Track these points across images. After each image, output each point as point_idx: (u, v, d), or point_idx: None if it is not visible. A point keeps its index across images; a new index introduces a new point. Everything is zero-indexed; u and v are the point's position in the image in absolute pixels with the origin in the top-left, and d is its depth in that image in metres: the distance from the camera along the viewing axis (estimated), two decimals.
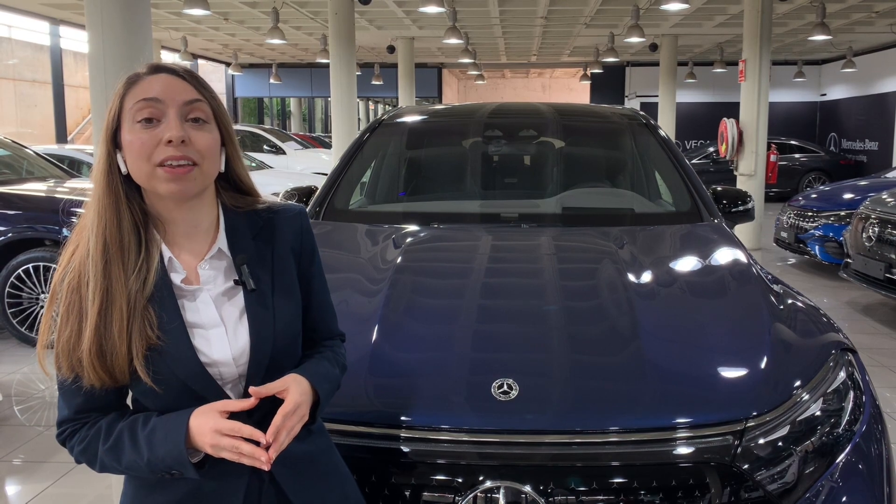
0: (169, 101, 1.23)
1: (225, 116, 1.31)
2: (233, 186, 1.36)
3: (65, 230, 5.32)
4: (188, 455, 1.20)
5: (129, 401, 1.34)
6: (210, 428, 1.19)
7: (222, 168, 1.31)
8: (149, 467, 1.22)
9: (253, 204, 1.37)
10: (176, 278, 1.28)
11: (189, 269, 1.29)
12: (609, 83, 21.40)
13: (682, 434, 1.60)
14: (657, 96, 17.63)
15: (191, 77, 1.28)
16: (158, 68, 1.27)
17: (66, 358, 1.22)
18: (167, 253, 1.28)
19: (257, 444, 1.20)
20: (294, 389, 1.26)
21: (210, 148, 1.25)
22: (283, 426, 1.22)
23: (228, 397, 1.28)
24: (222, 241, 1.32)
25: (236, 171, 1.34)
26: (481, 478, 1.55)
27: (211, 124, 1.27)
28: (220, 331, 1.28)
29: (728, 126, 10.16)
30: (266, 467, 1.19)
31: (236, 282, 1.30)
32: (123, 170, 1.24)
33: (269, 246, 1.35)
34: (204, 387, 1.26)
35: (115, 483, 3.41)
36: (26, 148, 6.96)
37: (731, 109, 11.22)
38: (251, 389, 1.24)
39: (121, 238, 1.23)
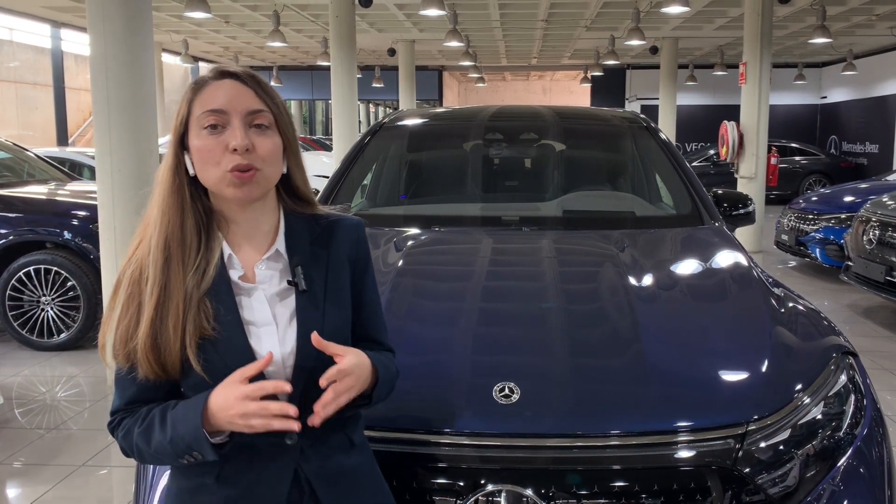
0: (232, 112, 1.27)
1: (288, 122, 1.34)
2: (291, 192, 1.39)
3: (66, 233, 5.33)
4: (210, 436, 1.20)
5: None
6: (235, 397, 1.18)
7: (284, 170, 1.34)
8: (172, 447, 1.22)
9: (312, 211, 1.40)
10: (234, 275, 1.31)
11: (247, 268, 1.32)
12: (609, 86, 21.42)
13: (683, 437, 1.60)
14: (658, 99, 17.65)
15: (254, 83, 1.31)
16: (224, 73, 1.30)
17: (123, 347, 1.26)
18: (227, 250, 1.31)
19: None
20: (351, 357, 1.26)
21: (272, 154, 1.29)
22: (331, 387, 1.21)
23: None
24: (280, 243, 1.35)
25: (294, 177, 1.37)
26: (483, 481, 1.55)
27: (273, 130, 1.30)
28: (271, 329, 1.30)
29: (729, 129, 10.17)
30: (296, 427, 1.18)
31: (290, 282, 1.32)
32: (191, 172, 1.29)
33: (325, 252, 1.37)
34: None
35: (115, 486, 3.41)
36: (27, 150, 6.97)
37: (732, 112, 11.23)
38: (313, 336, 1.23)
39: (182, 237, 1.27)
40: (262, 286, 1.32)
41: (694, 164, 15.49)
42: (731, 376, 1.80)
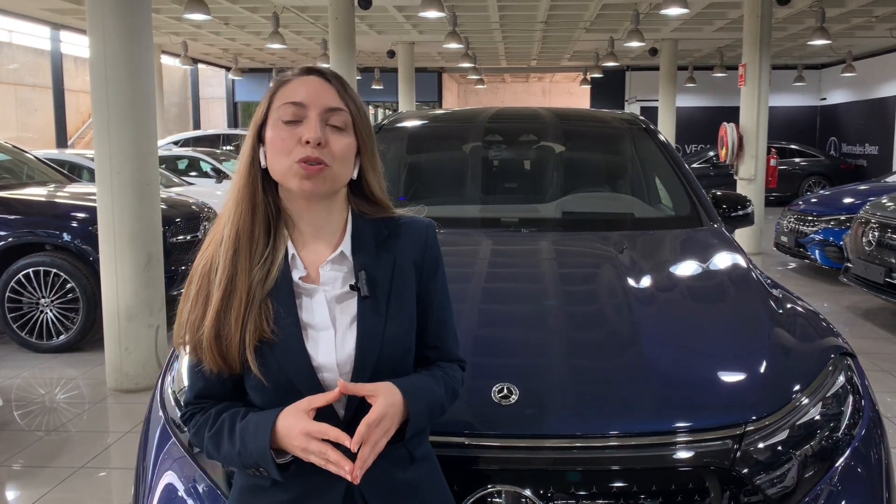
0: (312, 105, 1.27)
1: (365, 126, 1.33)
2: (365, 196, 1.38)
3: (65, 235, 5.33)
4: (276, 455, 1.21)
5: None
6: (299, 431, 1.19)
7: (354, 175, 1.33)
8: (240, 459, 1.25)
9: (383, 213, 1.39)
10: (295, 275, 1.30)
11: (311, 269, 1.31)
12: (609, 87, 21.44)
13: (681, 438, 1.61)
14: (657, 101, 17.67)
15: (337, 82, 1.31)
16: (309, 70, 1.32)
17: (191, 338, 1.28)
18: (291, 249, 1.31)
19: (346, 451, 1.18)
20: (382, 399, 1.22)
21: (343, 152, 1.29)
22: (367, 438, 1.19)
23: (332, 408, 1.26)
24: (346, 245, 1.33)
25: (369, 181, 1.36)
26: (482, 482, 1.55)
27: (349, 131, 1.30)
28: (328, 333, 1.28)
29: (728, 130, 10.17)
30: (350, 478, 1.17)
31: (352, 287, 1.30)
32: (263, 164, 1.30)
33: (391, 255, 1.35)
34: (308, 389, 1.25)
35: (114, 488, 3.41)
36: (27, 152, 6.97)
37: (731, 114, 11.24)
38: (339, 382, 1.21)
39: (252, 228, 1.28)
40: (325, 288, 1.30)
41: (693, 165, 15.51)
42: (730, 377, 1.80)
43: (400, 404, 1.25)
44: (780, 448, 1.64)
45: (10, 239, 5.35)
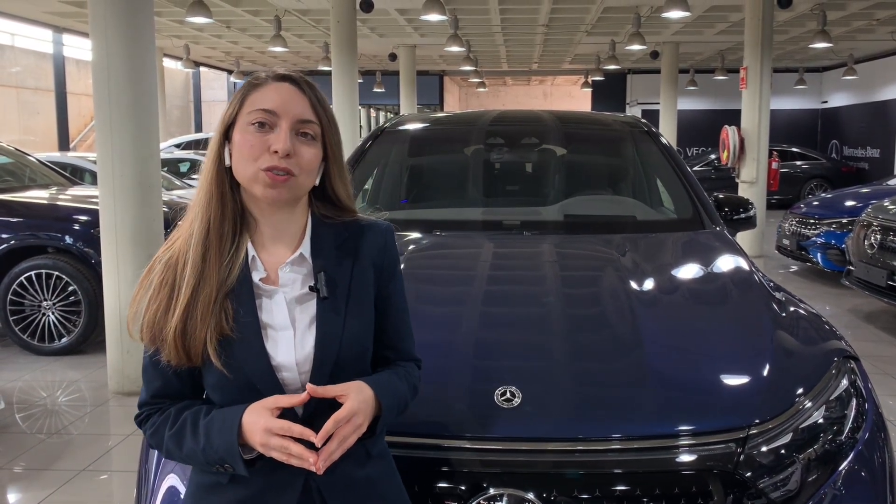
0: (284, 115, 1.28)
1: (334, 134, 1.35)
2: (330, 200, 1.40)
3: (67, 237, 5.34)
4: (241, 451, 1.23)
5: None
6: (261, 426, 1.20)
7: (317, 182, 1.35)
8: (204, 456, 1.25)
9: (343, 216, 1.40)
10: (255, 276, 1.32)
11: (270, 271, 1.33)
12: (610, 90, 21.45)
13: (684, 442, 1.60)
14: (658, 103, 17.68)
15: (310, 91, 1.33)
16: (283, 77, 1.32)
17: (151, 330, 1.28)
18: (251, 251, 1.33)
19: (312, 445, 1.20)
20: (354, 396, 1.25)
21: (311, 163, 1.31)
22: (336, 433, 1.21)
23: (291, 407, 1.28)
24: (306, 248, 1.35)
25: (334, 187, 1.38)
26: (484, 485, 1.55)
27: (317, 141, 1.32)
28: (288, 334, 1.30)
29: (729, 133, 10.17)
30: (315, 469, 1.20)
31: (311, 288, 1.32)
32: (227, 162, 1.31)
33: (351, 258, 1.37)
34: (268, 388, 1.27)
35: (116, 491, 3.41)
36: (29, 155, 6.98)
37: (733, 117, 11.24)
38: (308, 386, 1.23)
39: (222, 226, 1.30)
40: (284, 290, 1.32)
41: (695, 168, 15.50)
42: (733, 380, 1.80)
43: (371, 400, 1.28)
44: (783, 451, 1.64)
45: (12, 241, 5.36)
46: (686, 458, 1.59)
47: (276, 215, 1.33)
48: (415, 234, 2.73)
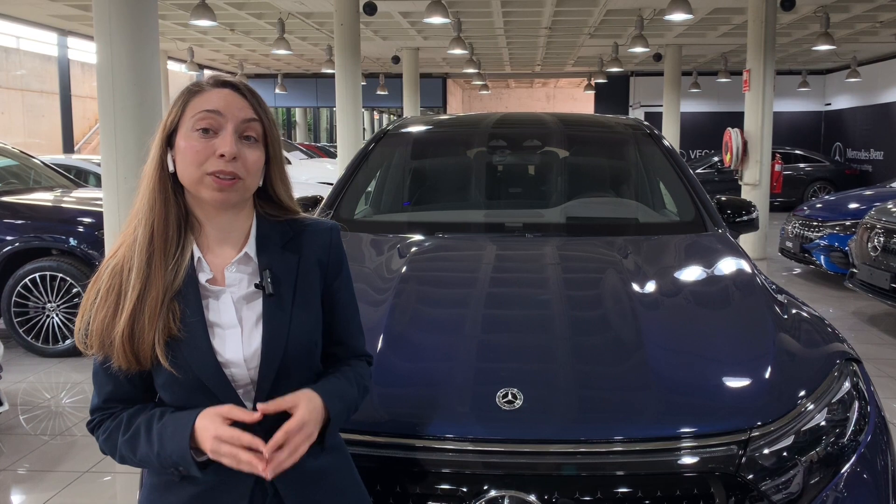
0: (229, 116, 1.30)
1: (275, 138, 1.38)
2: (272, 200, 1.42)
3: (71, 239, 5.35)
4: (194, 454, 1.25)
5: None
6: (211, 434, 1.23)
7: (260, 183, 1.38)
8: (159, 460, 1.28)
9: (287, 216, 1.42)
10: (202, 277, 1.33)
11: (216, 271, 1.35)
12: (613, 93, 21.44)
13: (686, 444, 1.61)
14: (661, 106, 17.66)
15: (251, 95, 1.35)
16: (223, 83, 1.34)
17: (99, 337, 1.29)
18: (197, 253, 1.34)
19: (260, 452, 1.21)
20: (303, 407, 1.28)
21: (256, 165, 1.33)
22: (286, 444, 1.24)
23: (241, 402, 1.31)
24: (251, 247, 1.37)
25: (275, 187, 1.40)
26: (486, 487, 1.56)
27: (260, 143, 1.34)
28: (235, 331, 1.32)
29: (732, 136, 10.16)
30: (264, 476, 1.22)
31: (257, 286, 1.34)
32: (171, 168, 1.32)
33: (296, 256, 1.39)
34: (217, 386, 1.29)
35: (119, 492, 3.41)
36: (33, 158, 7.00)
37: (736, 119, 11.23)
38: (259, 405, 1.26)
39: (166, 230, 1.31)
40: (231, 289, 1.34)
41: (698, 170, 15.49)
42: (735, 383, 1.80)
43: (320, 409, 1.31)
44: (785, 454, 1.64)
45: (16, 244, 5.37)
46: (688, 460, 1.59)
47: (222, 217, 1.35)
48: (417, 237, 2.73)
